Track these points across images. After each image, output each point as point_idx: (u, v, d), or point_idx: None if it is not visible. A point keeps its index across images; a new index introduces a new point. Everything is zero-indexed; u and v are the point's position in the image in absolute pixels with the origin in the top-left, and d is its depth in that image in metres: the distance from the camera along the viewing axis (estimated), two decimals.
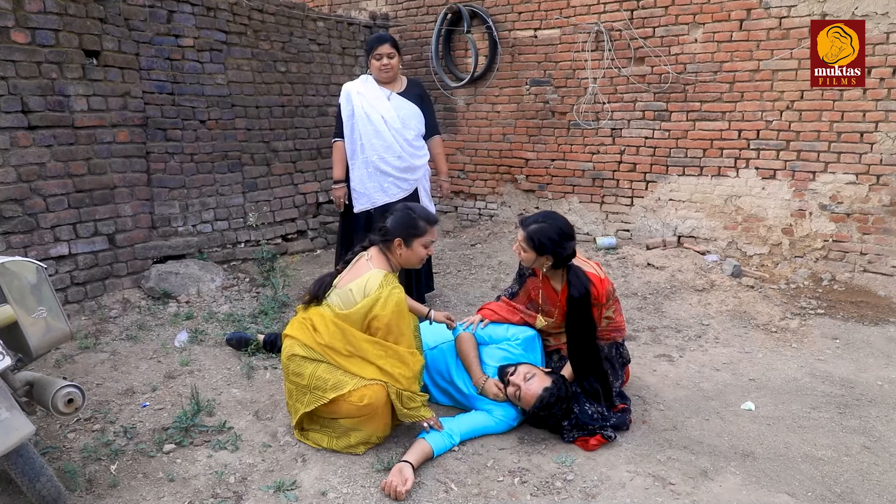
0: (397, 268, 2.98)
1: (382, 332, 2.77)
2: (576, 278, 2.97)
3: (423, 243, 2.95)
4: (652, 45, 5.62)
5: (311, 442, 2.84)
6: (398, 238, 2.89)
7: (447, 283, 5.26)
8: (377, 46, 4.15)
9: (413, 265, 3.00)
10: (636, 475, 2.65)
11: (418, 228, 2.92)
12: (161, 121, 4.76)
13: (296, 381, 2.79)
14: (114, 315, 4.31)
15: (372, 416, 2.74)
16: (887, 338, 4.13)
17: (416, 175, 4.33)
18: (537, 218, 3.04)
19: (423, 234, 2.94)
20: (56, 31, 4.07)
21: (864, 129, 4.85)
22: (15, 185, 3.96)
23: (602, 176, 6.11)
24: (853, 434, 2.97)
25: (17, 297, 2.33)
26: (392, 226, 2.93)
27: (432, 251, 3.03)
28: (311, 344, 2.78)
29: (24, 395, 2.38)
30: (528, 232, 2.99)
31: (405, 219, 2.94)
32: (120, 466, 2.67)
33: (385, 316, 2.73)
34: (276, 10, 5.60)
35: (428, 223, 2.96)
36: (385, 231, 2.94)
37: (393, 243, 2.90)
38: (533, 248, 2.99)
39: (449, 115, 6.93)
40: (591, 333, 2.98)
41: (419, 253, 2.95)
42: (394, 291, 2.77)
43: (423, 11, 6.92)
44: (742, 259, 5.43)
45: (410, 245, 2.91)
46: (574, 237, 3.03)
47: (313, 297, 2.91)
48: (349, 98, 4.20)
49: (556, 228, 2.97)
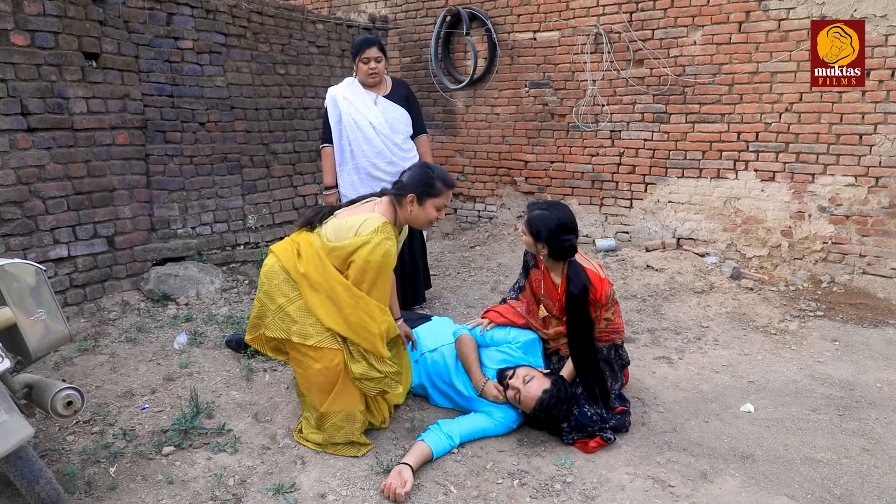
0: (403, 224, 2.91)
1: (355, 275, 2.69)
2: (576, 275, 2.98)
3: (435, 205, 2.86)
4: (651, 47, 5.62)
5: (311, 444, 2.84)
6: (412, 194, 2.81)
7: (446, 285, 5.26)
8: (364, 50, 4.10)
9: (420, 225, 2.93)
10: (636, 477, 2.65)
11: (434, 188, 2.84)
12: (160, 123, 4.76)
13: (265, 301, 2.79)
14: (113, 317, 4.31)
15: (329, 384, 2.73)
16: (886, 340, 4.13)
17: None
18: (543, 205, 3.09)
19: (438, 196, 2.85)
20: (55, 33, 4.07)
21: (863, 132, 4.85)
22: (14, 187, 3.96)
23: (601, 178, 6.12)
24: (852, 436, 2.97)
25: (16, 300, 2.33)
26: (409, 180, 2.85)
27: (443, 216, 2.96)
28: (291, 270, 2.75)
29: (24, 397, 2.37)
30: (530, 216, 3.06)
31: (423, 176, 2.86)
32: (119, 469, 2.66)
33: (365, 261, 2.66)
34: (276, 13, 5.60)
35: (445, 185, 2.88)
36: (401, 185, 2.85)
37: (405, 198, 2.81)
38: (530, 233, 3.05)
39: (448, 117, 6.94)
40: (589, 331, 2.98)
41: (430, 214, 2.86)
42: (385, 242, 2.68)
43: (422, 14, 6.93)
44: (741, 261, 5.43)
45: (423, 203, 2.83)
46: (575, 232, 3.03)
47: (307, 222, 2.86)
48: (335, 104, 4.17)
49: (556, 220, 2.99)
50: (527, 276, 3.33)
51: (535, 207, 3.08)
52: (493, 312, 3.35)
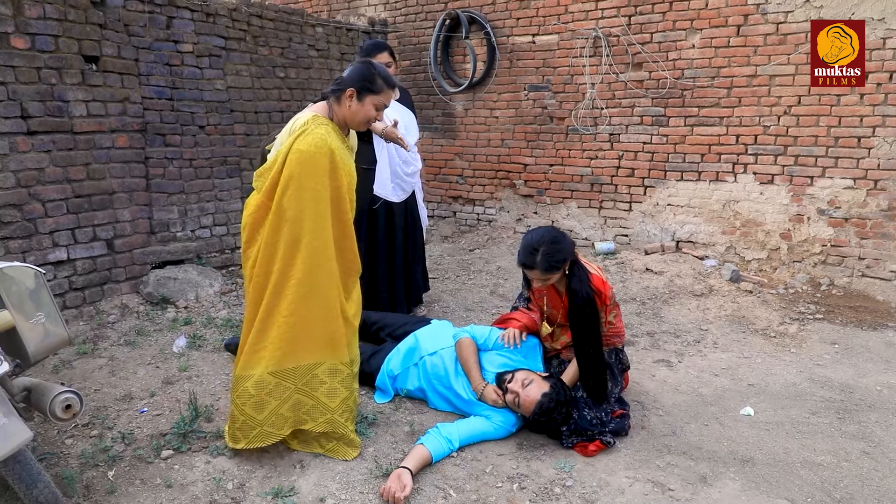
0: (342, 123, 2.76)
1: (282, 183, 2.53)
2: (578, 282, 2.95)
3: (375, 103, 2.72)
4: (650, 50, 5.63)
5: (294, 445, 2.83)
6: (351, 88, 2.67)
7: (445, 288, 5.26)
8: (375, 54, 4.13)
9: (357, 125, 2.79)
10: (635, 481, 2.64)
11: (375, 84, 2.70)
12: (160, 126, 4.77)
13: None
14: (112, 320, 4.30)
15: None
16: (886, 342, 4.13)
17: (416, 178, 4.40)
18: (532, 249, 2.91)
19: (379, 93, 2.71)
20: (56, 36, 4.08)
21: (862, 134, 4.86)
22: (14, 190, 3.96)
23: (600, 181, 6.12)
24: (852, 439, 2.97)
25: (15, 303, 2.32)
26: (349, 75, 2.72)
27: (381, 118, 2.85)
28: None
29: (22, 400, 2.37)
30: (541, 266, 2.89)
31: (364, 71, 2.72)
32: (118, 472, 2.66)
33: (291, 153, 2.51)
34: (275, 16, 5.61)
35: (386, 83, 2.74)
36: (340, 80, 2.72)
37: (345, 93, 2.67)
38: (553, 271, 2.91)
39: (448, 120, 6.94)
40: (597, 335, 2.96)
41: (369, 112, 2.72)
42: (316, 130, 2.55)
43: (421, 17, 6.94)
44: (740, 264, 5.43)
45: (363, 100, 2.69)
46: (565, 239, 2.97)
47: (263, 157, 2.78)
48: None
49: (552, 236, 2.92)
50: (529, 286, 3.32)
51: (531, 259, 2.90)
52: (514, 320, 3.30)
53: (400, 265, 4.37)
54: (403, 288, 4.42)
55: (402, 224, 4.36)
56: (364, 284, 4.40)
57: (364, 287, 4.40)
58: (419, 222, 4.54)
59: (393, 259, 4.35)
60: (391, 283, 4.37)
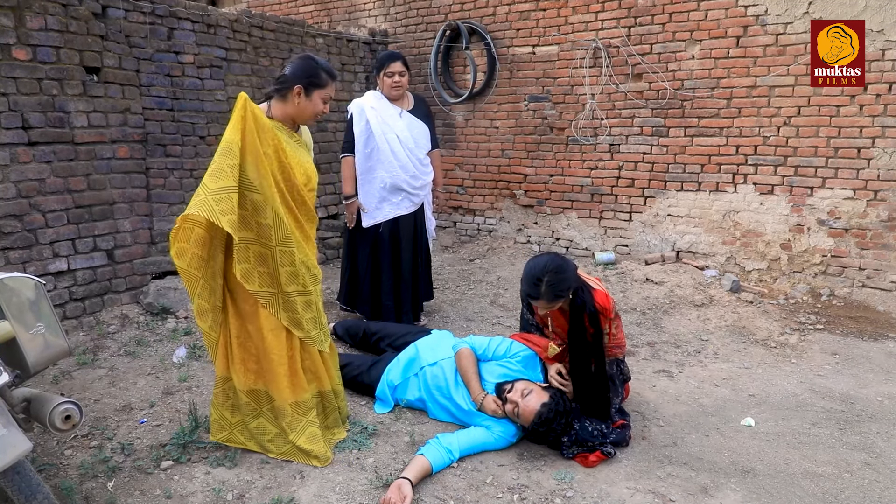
0: (288, 120, 2.78)
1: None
2: (581, 301, 2.94)
3: (322, 96, 2.76)
4: (649, 61, 5.66)
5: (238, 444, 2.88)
6: (298, 85, 2.69)
7: (446, 298, 5.26)
8: (389, 64, 4.17)
9: (306, 121, 2.83)
10: (636, 492, 2.64)
11: (320, 78, 2.73)
12: (161, 137, 4.78)
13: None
14: (112, 331, 4.30)
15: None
16: (887, 353, 4.12)
17: (426, 191, 4.43)
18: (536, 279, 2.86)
19: (325, 87, 2.75)
20: (57, 47, 4.10)
21: (862, 145, 4.87)
22: (14, 200, 3.97)
23: (600, 191, 6.13)
24: (854, 450, 2.96)
25: (15, 314, 2.32)
26: (292, 72, 2.72)
27: (328, 110, 2.86)
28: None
29: (22, 411, 2.36)
30: (546, 297, 2.86)
31: (308, 66, 2.73)
32: (117, 483, 2.65)
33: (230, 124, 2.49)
34: (276, 27, 5.64)
35: (330, 76, 2.77)
36: (283, 78, 2.72)
37: (292, 90, 2.69)
38: (558, 300, 2.89)
39: (448, 130, 6.96)
40: (600, 351, 2.95)
41: (317, 107, 2.76)
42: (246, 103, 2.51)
43: (421, 28, 6.98)
44: (741, 274, 5.43)
45: (310, 95, 2.72)
46: (568, 266, 2.92)
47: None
48: (362, 113, 4.19)
49: (555, 265, 2.88)
50: (532, 312, 3.30)
51: (535, 289, 2.87)
52: (534, 344, 3.25)
53: (407, 274, 4.38)
54: (410, 298, 4.43)
55: (409, 234, 4.38)
56: (369, 292, 4.43)
57: (369, 294, 4.43)
58: (426, 233, 4.56)
59: (399, 268, 4.36)
60: (396, 292, 4.38)
